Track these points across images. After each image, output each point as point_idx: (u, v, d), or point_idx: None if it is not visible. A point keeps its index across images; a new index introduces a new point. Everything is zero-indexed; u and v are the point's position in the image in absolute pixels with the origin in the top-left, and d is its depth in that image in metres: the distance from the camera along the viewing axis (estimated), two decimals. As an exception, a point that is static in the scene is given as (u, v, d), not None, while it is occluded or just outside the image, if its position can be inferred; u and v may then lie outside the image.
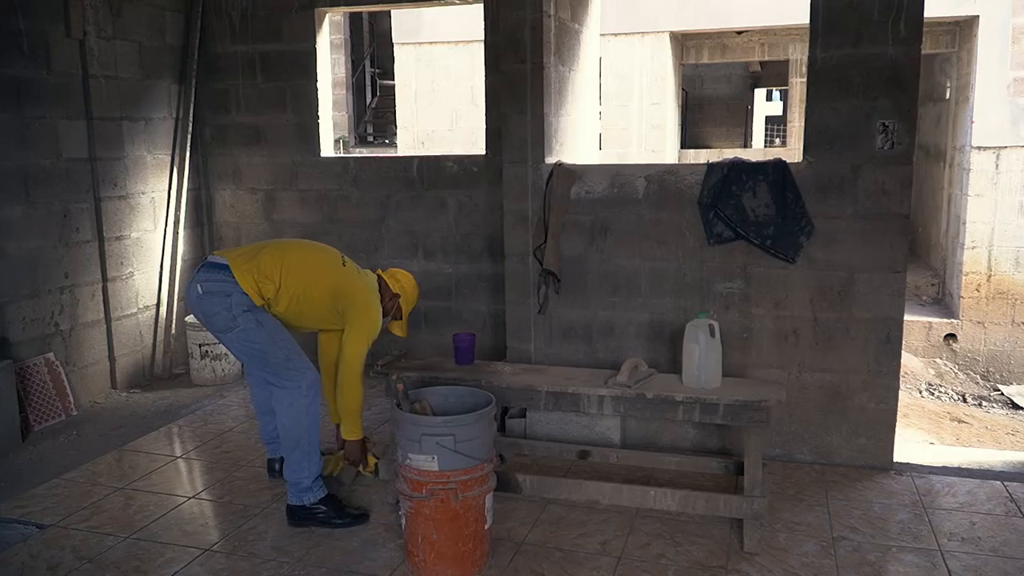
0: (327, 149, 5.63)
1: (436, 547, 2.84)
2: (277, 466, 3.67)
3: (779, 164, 3.77)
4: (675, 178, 3.94)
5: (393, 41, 10.72)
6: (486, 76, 5.07)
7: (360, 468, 3.44)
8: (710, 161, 3.94)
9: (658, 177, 3.97)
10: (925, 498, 3.53)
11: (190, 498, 3.63)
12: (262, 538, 3.24)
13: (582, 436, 4.00)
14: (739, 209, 3.81)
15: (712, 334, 3.21)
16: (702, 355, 3.19)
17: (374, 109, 15.97)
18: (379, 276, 3.53)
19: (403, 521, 2.94)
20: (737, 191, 3.80)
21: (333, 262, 3.41)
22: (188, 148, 5.52)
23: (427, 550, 2.86)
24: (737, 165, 3.83)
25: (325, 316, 3.38)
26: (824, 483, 3.69)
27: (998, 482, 3.67)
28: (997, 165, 7.85)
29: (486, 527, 2.94)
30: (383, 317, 3.46)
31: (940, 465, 3.90)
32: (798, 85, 10.43)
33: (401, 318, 3.55)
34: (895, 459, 3.85)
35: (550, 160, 4.15)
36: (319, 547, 3.16)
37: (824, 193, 3.72)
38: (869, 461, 3.85)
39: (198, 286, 3.23)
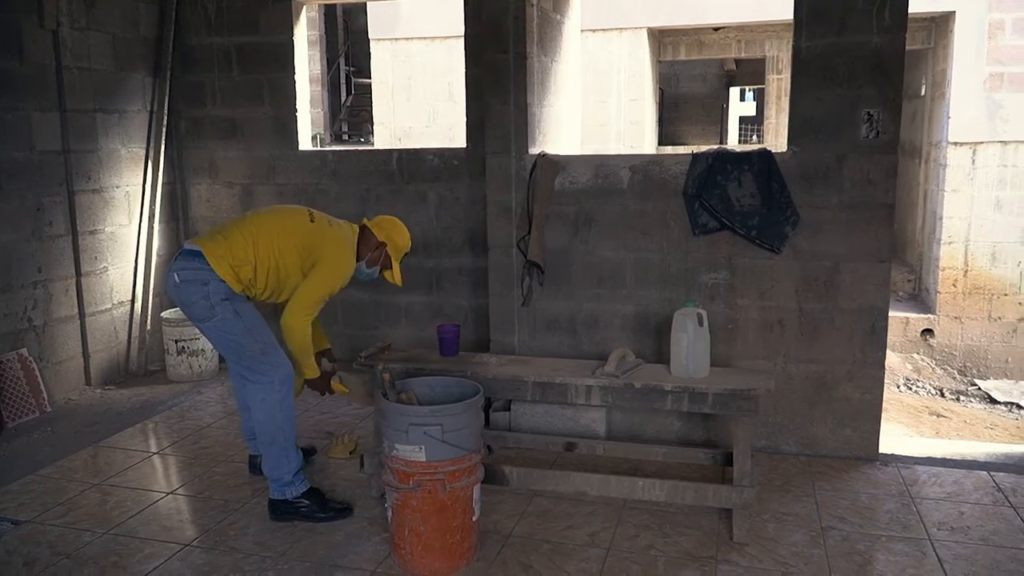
0: (305, 142, 5.55)
1: (423, 539, 2.80)
2: (259, 462, 3.60)
3: (764, 154, 3.77)
4: (660, 168, 3.92)
5: (369, 37, 10.63)
6: (467, 68, 5.02)
7: (325, 393, 3.43)
8: (695, 151, 3.93)
9: (643, 167, 3.95)
10: (912, 488, 3.53)
11: (168, 494, 3.55)
12: (244, 533, 3.18)
13: (567, 429, 3.97)
14: (724, 199, 3.80)
15: (700, 323, 3.19)
16: (690, 344, 3.17)
17: (349, 107, 15.88)
18: (364, 227, 3.44)
19: (389, 513, 2.89)
20: (722, 181, 3.79)
21: (300, 222, 3.32)
22: (163, 141, 5.42)
23: (414, 542, 2.81)
24: (722, 155, 3.82)
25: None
26: (810, 474, 3.69)
27: (984, 472, 3.69)
28: (973, 160, 7.93)
29: (474, 519, 2.90)
30: (370, 267, 3.41)
31: (925, 456, 3.91)
32: (774, 82, 10.49)
33: (391, 267, 3.47)
34: (880, 450, 3.86)
35: (533, 151, 4.12)
36: (302, 541, 3.11)
37: (809, 183, 3.73)
38: (855, 452, 3.85)
39: (175, 275, 3.19)
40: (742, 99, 23.68)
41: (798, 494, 3.48)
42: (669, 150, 11.52)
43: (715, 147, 3.96)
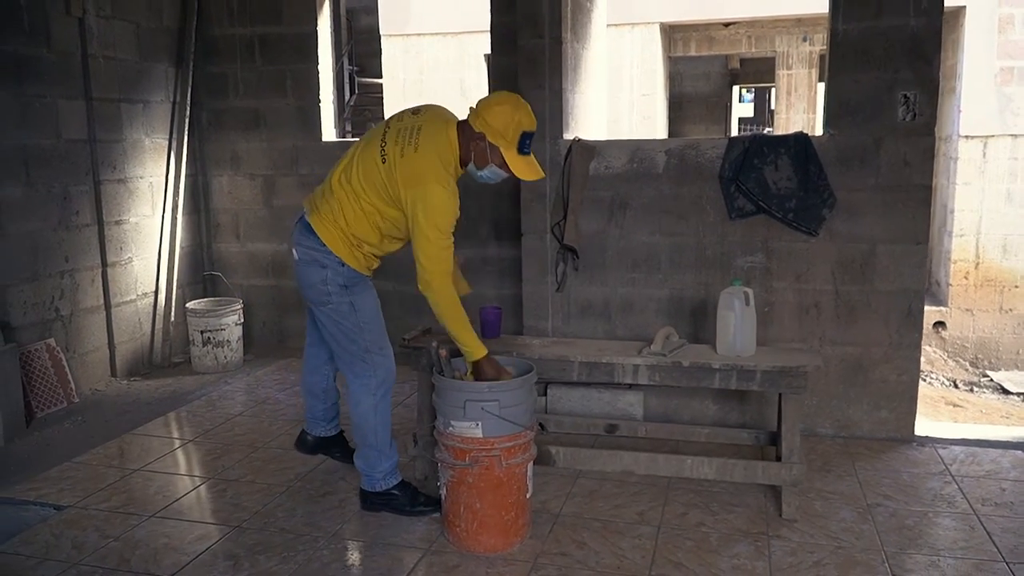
0: (328, 134, 5.57)
1: (479, 516, 2.80)
2: (309, 439, 3.49)
3: (801, 137, 3.79)
4: (696, 152, 3.94)
5: (380, 33, 10.65)
6: (492, 56, 5.04)
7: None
8: (731, 135, 3.95)
9: (678, 151, 3.97)
10: (952, 467, 3.56)
11: (210, 478, 3.55)
12: (292, 514, 3.18)
13: (604, 413, 3.99)
14: (761, 183, 3.81)
15: (747, 302, 3.21)
16: (737, 322, 3.19)
17: (353, 107, 15.89)
18: (463, 122, 2.89)
19: (443, 492, 2.90)
20: (759, 164, 3.81)
21: (374, 168, 2.86)
22: (185, 133, 5.43)
23: (470, 519, 2.82)
24: (759, 138, 3.85)
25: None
26: (849, 455, 3.71)
27: (1020, 451, 3.72)
28: (984, 154, 7.99)
29: (528, 496, 2.91)
30: (481, 167, 2.86)
31: (960, 438, 3.94)
32: (785, 78, 10.53)
33: (504, 160, 2.80)
34: (916, 432, 3.89)
35: (567, 136, 4.14)
36: (352, 523, 3.11)
37: (846, 165, 3.75)
38: (891, 433, 3.88)
39: (294, 251, 3.02)
40: (740, 100, 23.81)
41: (839, 474, 3.50)
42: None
43: (751, 132, 3.98)
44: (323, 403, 3.43)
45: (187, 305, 5.25)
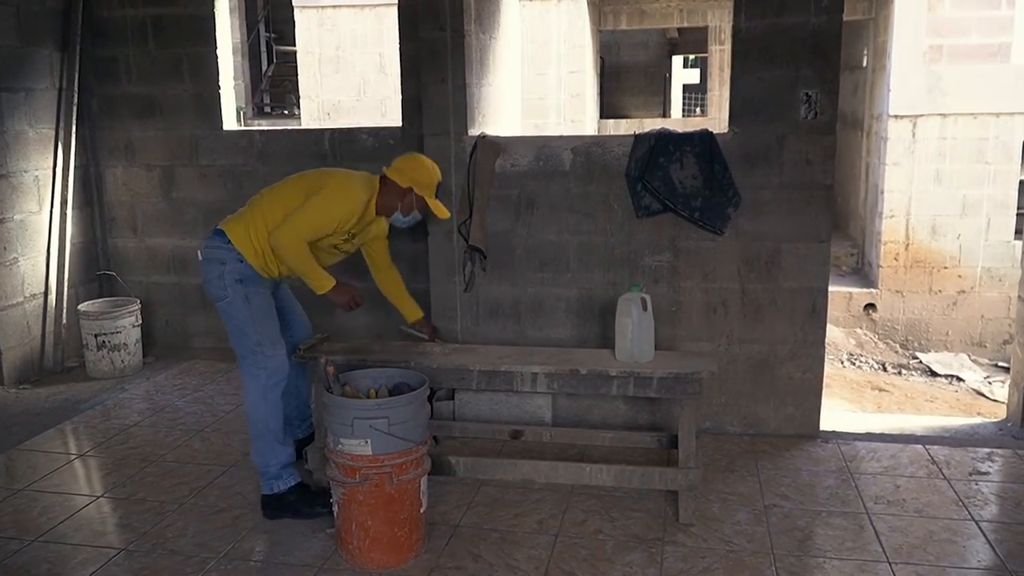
0: (230, 122, 5.56)
1: (371, 533, 2.93)
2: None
3: (706, 135, 3.95)
4: (602, 150, 4.08)
5: (293, 4, 10.53)
6: (401, 43, 5.09)
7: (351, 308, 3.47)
8: (636, 132, 4.10)
9: (585, 149, 4.11)
10: (851, 463, 3.80)
11: (99, 497, 3.60)
12: (182, 534, 3.26)
13: (513, 416, 4.13)
14: (667, 181, 3.97)
15: (644, 307, 3.37)
16: (635, 329, 3.35)
17: (270, 77, 15.66)
18: (384, 176, 3.49)
19: (335, 508, 3.01)
20: (664, 162, 3.97)
21: (308, 173, 3.51)
22: (74, 121, 5.37)
23: (362, 537, 2.94)
24: (664, 136, 4.00)
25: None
26: (754, 453, 3.93)
27: (919, 446, 3.98)
28: (914, 133, 8.32)
29: (421, 511, 3.04)
30: (407, 214, 3.50)
31: (864, 432, 4.20)
32: (717, 53, 10.75)
33: (427, 204, 3.51)
34: (821, 427, 4.13)
35: (473, 132, 4.24)
36: (245, 541, 3.20)
37: (750, 164, 3.93)
38: (797, 430, 4.11)
39: (199, 252, 3.42)
40: (685, 66, 24.09)
41: (742, 474, 3.72)
42: (611, 124, 11.72)
43: (657, 128, 4.13)
44: (295, 398, 3.72)
45: (79, 307, 5.23)
